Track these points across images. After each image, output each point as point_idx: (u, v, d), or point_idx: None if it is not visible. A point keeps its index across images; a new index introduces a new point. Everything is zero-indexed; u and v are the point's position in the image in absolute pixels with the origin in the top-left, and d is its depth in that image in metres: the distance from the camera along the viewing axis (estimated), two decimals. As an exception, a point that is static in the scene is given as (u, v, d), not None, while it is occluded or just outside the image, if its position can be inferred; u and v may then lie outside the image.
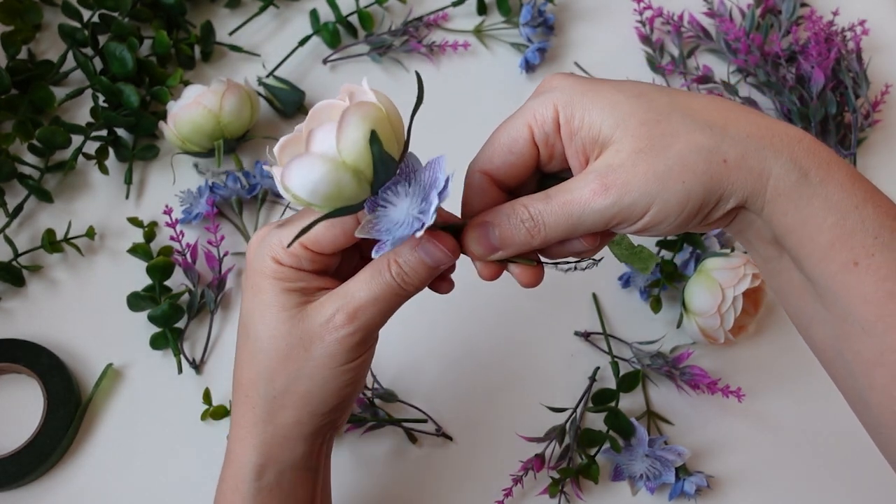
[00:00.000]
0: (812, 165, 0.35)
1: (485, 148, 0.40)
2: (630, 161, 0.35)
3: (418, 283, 0.39)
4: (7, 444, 0.58)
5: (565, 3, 0.75)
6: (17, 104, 0.67)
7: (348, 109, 0.34)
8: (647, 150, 0.35)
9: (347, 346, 0.39)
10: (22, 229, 0.66)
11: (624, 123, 0.35)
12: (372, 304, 0.39)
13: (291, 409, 0.41)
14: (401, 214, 0.36)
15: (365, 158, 0.34)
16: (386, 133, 0.35)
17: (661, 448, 0.57)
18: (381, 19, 0.74)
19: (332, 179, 0.34)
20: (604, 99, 0.36)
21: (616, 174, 0.35)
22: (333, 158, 0.34)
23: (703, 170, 0.35)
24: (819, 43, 0.68)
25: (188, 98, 0.63)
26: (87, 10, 0.70)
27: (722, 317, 0.57)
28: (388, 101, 0.36)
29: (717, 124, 0.35)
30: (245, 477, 0.42)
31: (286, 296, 0.40)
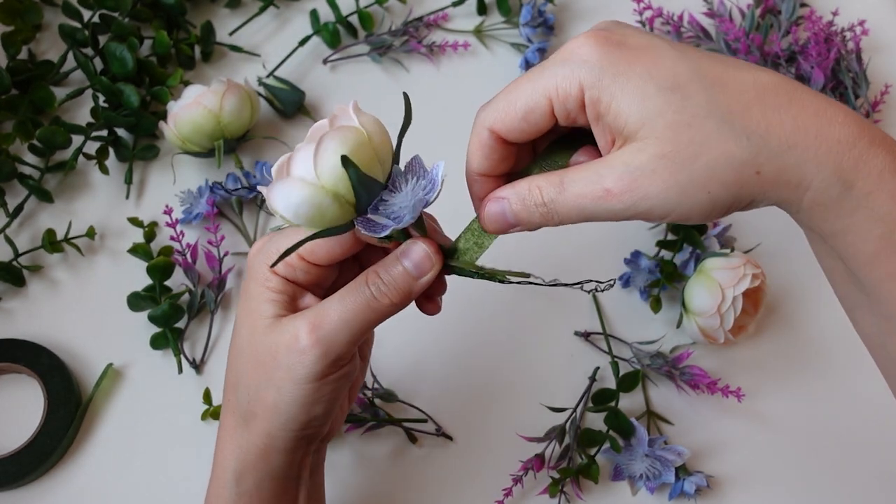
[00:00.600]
0: (860, 177, 0.32)
1: (497, 106, 0.37)
2: (651, 166, 0.33)
3: (396, 297, 0.38)
4: (7, 444, 0.58)
5: (565, 4, 0.75)
6: (18, 104, 0.67)
7: (326, 135, 0.34)
8: (671, 156, 0.32)
9: (308, 361, 0.38)
10: (22, 229, 0.66)
11: (651, 122, 0.33)
12: (338, 318, 0.38)
13: (262, 421, 0.40)
14: (405, 199, 0.36)
15: (344, 183, 0.34)
16: (366, 156, 0.35)
17: (660, 448, 0.57)
18: (382, 19, 0.74)
19: (313, 203, 0.34)
20: (634, 88, 0.33)
21: (633, 178, 0.33)
22: (312, 183, 0.34)
23: (732, 181, 0.33)
24: (819, 43, 0.68)
25: (188, 98, 0.63)
26: (88, 11, 0.70)
27: (722, 317, 0.57)
28: (373, 122, 0.36)
29: (757, 132, 0.32)
30: (226, 482, 0.42)
31: (269, 305, 0.39)
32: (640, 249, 0.64)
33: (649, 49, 0.34)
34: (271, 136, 0.69)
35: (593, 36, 0.34)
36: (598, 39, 0.34)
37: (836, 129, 0.32)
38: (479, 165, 0.38)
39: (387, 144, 0.36)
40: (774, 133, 0.32)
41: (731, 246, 0.63)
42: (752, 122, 0.32)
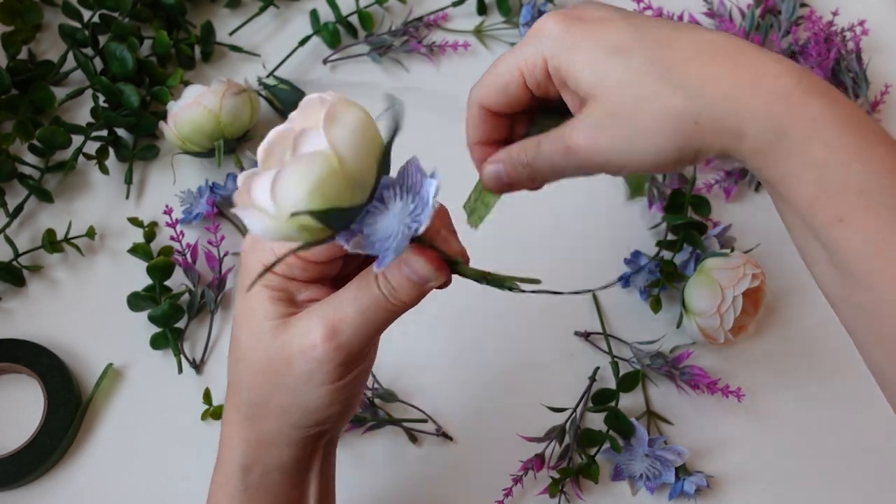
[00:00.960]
0: (794, 123, 0.34)
1: (483, 82, 0.41)
2: (602, 122, 0.37)
3: (407, 299, 0.37)
4: (7, 444, 0.58)
5: (565, 4, 0.75)
6: (18, 104, 0.67)
7: (284, 169, 0.30)
8: (617, 112, 0.36)
9: (328, 368, 0.37)
10: (22, 229, 0.66)
11: (600, 84, 0.36)
12: (356, 321, 0.36)
13: (273, 420, 0.39)
14: (392, 225, 0.33)
15: (308, 219, 0.31)
16: (335, 188, 0.31)
17: (660, 448, 0.57)
18: (382, 19, 0.74)
19: (279, 233, 0.31)
20: (586, 55, 0.37)
21: (589, 133, 0.37)
22: (276, 215, 0.31)
23: (672, 131, 0.35)
24: (819, 43, 0.68)
25: (188, 98, 0.63)
26: (88, 11, 0.70)
27: (722, 317, 0.57)
28: (351, 134, 0.31)
29: (694, 84, 0.35)
30: (232, 475, 0.41)
31: (272, 305, 0.38)
32: (640, 249, 0.64)
33: (602, 20, 0.38)
34: (271, 136, 0.69)
35: (556, 14, 0.39)
36: (559, 16, 0.38)
37: (771, 80, 0.34)
38: (475, 136, 0.42)
39: (366, 156, 0.32)
40: (710, 85, 0.35)
41: (731, 246, 0.63)
42: (689, 76, 0.35)
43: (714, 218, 0.65)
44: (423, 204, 0.32)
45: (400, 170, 0.34)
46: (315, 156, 0.30)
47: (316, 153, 0.30)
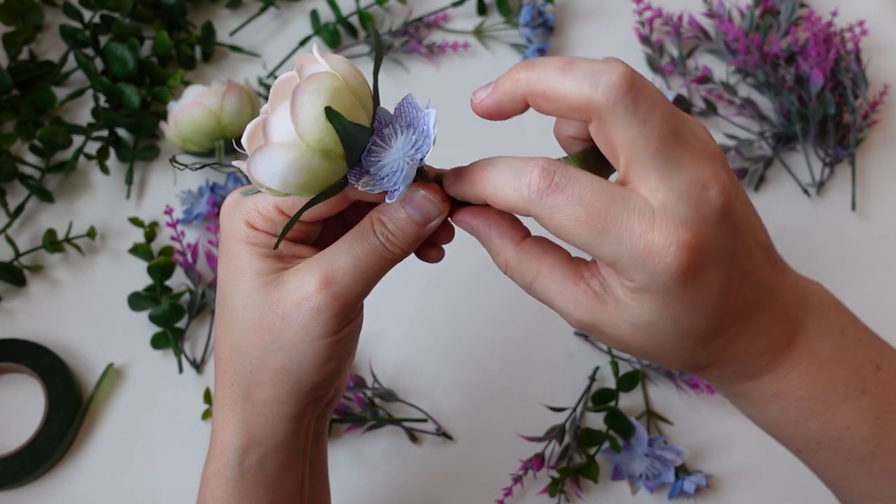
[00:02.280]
0: (756, 393, 0.37)
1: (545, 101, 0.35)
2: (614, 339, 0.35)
3: (405, 244, 0.36)
4: (8, 443, 0.59)
5: (565, 4, 0.75)
6: (19, 104, 0.67)
7: (299, 86, 0.30)
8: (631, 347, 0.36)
9: (325, 317, 0.36)
10: (23, 229, 0.66)
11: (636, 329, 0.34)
12: (352, 270, 0.36)
13: (269, 387, 0.38)
14: (397, 155, 0.33)
15: (330, 136, 0.31)
16: (347, 101, 0.31)
17: (660, 447, 0.57)
18: (382, 20, 0.74)
19: (301, 166, 0.31)
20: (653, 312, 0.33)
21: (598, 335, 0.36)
22: (296, 144, 0.31)
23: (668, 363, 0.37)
24: (818, 43, 0.68)
25: (189, 98, 0.63)
26: (88, 11, 0.70)
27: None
28: (344, 63, 0.33)
29: (696, 361, 0.36)
30: (228, 460, 0.40)
31: (261, 262, 0.37)
32: (639, 249, 0.64)
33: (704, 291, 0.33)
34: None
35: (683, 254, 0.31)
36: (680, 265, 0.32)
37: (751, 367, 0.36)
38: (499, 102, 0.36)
39: (364, 86, 0.33)
40: (703, 363, 0.36)
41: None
42: (699, 358, 0.36)
43: (714, 218, 0.65)
44: (424, 135, 0.33)
45: (396, 107, 0.34)
46: (322, 74, 0.31)
47: (321, 72, 0.31)
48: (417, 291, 0.63)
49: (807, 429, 0.36)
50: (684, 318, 0.33)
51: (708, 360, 0.36)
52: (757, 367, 0.36)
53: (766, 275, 0.35)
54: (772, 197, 0.67)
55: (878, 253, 0.66)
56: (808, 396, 0.36)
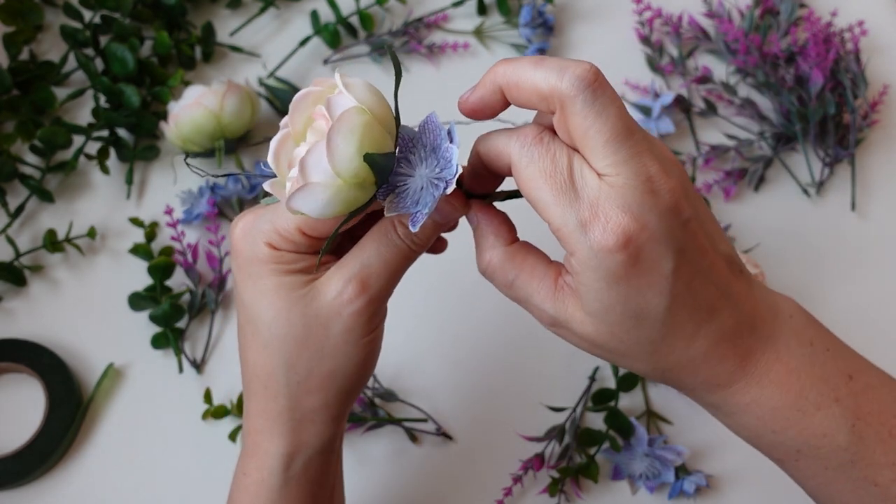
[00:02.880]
0: (730, 404, 0.38)
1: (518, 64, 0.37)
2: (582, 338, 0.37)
3: (426, 241, 0.39)
4: (8, 443, 0.59)
5: (565, 4, 0.75)
6: (19, 104, 0.67)
7: (333, 128, 0.33)
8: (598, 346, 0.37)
9: (364, 318, 0.38)
10: (23, 229, 0.66)
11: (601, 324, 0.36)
12: (383, 271, 0.38)
13: (318, 393, 0.40)
14: (420, 181, 0.35)
15: (363, 170, 0.34)
16: (376, 135, 0.34)
17: (660, 447, 0.57)
18: (382, 20, 0.74)
19: (339, 200, 0.34)
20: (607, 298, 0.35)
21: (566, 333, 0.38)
22: (333, 182, 0.33)
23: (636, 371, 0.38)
24: (818, 44, 0.68)
25: (189, 98, 0.63)
26: (89, 11, 0.70)
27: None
28: (366, 92, 0.35)
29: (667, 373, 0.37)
30: (273, 469, 0.41)
31: (289, 278, 0.39)
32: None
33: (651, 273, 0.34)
34: (271, 137, 0.69)
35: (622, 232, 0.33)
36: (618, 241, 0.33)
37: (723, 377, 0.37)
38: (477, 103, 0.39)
39: (386, 107, 0.35)
40: (674, 372, 0.37)
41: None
42: (665, 365, 0.37)
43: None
44: (447, 164, 0.35)
45: (420, 126, 0.36)
46: (351, 111, 0.33)
47: (350, 109, 0.33)
48: (418, 292, 0.63)
49: (785, 437, 0.37)
50: (632, 301, 0.34)
51: (673, 363, 0.37)
52: (725, 374, 0.37)
53: (726, 280, 0.36)
54: (772, 197, 0.67)
55: (878, 253, 0.66)
56: (781, 405, 0.37)
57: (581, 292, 0.35)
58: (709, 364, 0.37)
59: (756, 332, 0.37)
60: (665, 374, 0.37)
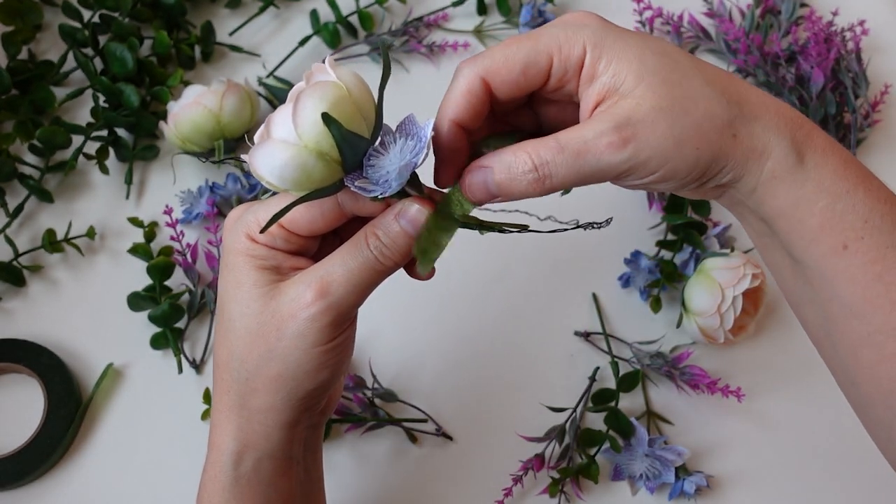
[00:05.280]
0: (809, 150, 0.36)
1: (494, 57, 0.37)
2: (650, 118, 0.35)
3: (398, 257, 0.38)
4: (8, 443, 0.59)
5: (565, 4, 0.75)
6: (18, 104, 0.67)
7: (303, 92, 0.33)
8: (667, 109, 0.35)
9: (319, 326, 0.37)
10: (22, 229, 0.66)
11: (649, 78, 0.35)
12: (345, 280, 0.37)
13: (264, 394, 0.39)
14: (394, 163, 0.35)
15: (327, 140, 0.33)
16: (347, 111, 0.34)
17: (660, 448, 0.57)
18: (381, 19, 0.74)
19: (297, 164, 0.33)
20: (632, 49, 0.36)
21: (636, 129, 0.35)
22: (294, 143, 0.33)
23: (714, 139, 0.35)
24: (818, 43, 0.68)
25: (188, 98, 0.63)
26: (88, 11, 0.70)
27: (722, 317, 0.57)
28: (352, 76, 0.35)
29: (734, 100, 0.36)
30: (223, 465, 0.41)
31: (259, 273, 0.38)
32: (640, 249, 0.64)
33: (634, 32, 0.38)
34: (271, 136, 0.69)
35: (587, 12, 0.38)
36: (594, 14, 0.38)
37: (787, 111, 0.37)
38: (459, 114, 0.37)
39: (368, 99, 0.35)
40: (746, 103, 0.36)
41: (731, 246, 0.63)
42: (730, 90, 0.36)
43: (714, 218, 0.65)
44: (420, 142, 0.35)
45: (398, 124, 0.36)
46: (327, 83, 0.33)
47: (327, 81, 0.34)
48: (418, 292, 0.62)
49: (856, 200, 0.35)
50: (650, 41, 0.36)
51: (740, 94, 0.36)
52: (791, 112, 0.36)
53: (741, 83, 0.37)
54: (772, 197, 0.67)
55: (879, 253, 0.66)
56: (848, 157, 0.36)
57: (611, 75, 0.35)
58: (766, 97, 0.36)
59: (803, 123, 0.37)
60: (742, 109, 0.36)
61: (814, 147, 0.36)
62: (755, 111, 0.36)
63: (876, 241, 0.35)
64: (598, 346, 0.62)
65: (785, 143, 0.36)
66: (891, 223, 0.35)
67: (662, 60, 0.36)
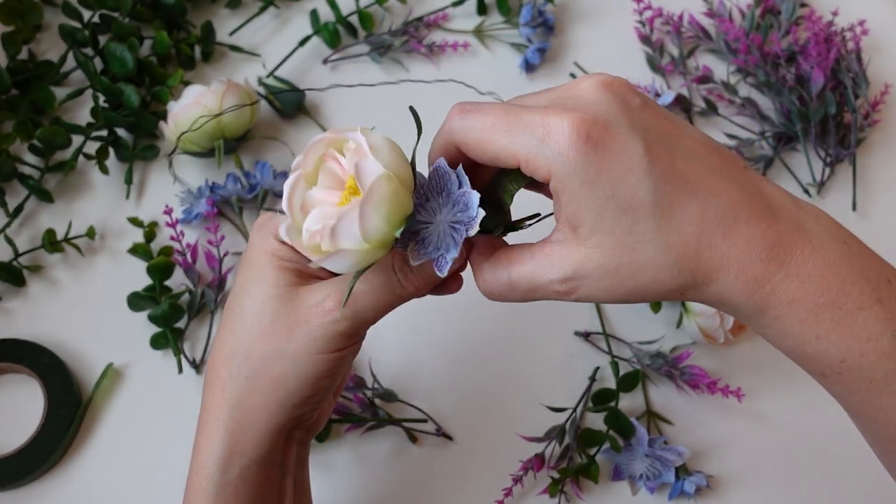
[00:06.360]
0: (771, 305, 0.35)
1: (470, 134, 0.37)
2: (596, 275, 0.36)
3: (421, 284, 0.39)
4: (8, 443, 0.59)
5: (565, 4, 0.75)
6: (18, 104, 0.67)
7: (365, 200, 0.34)
8: (613, 273, 0.36)
9: (332, 334, 0.38)
10: (22, 229, 0.66)
11: (600, 236, 0.35)
12: (367, 296, 0.38)
13: (261, 394, 0.39)
14: (440, 226, 0.37)
15: (389, 234, 0.35)
16: (401, 199, 0.35)
17: (660, 448, 0.57)
18: (382, 19, 0.74)
19: (364, 260, 0.35)
20: (595, 202, 0.35)
21: (581, 282, 0.36)
22: (361, 248, 0.35)
23: (661, 295, 0.36)
24: (819, 43, 0.68)
25: (188, 98, 0.63)
26: (88, 11, 0.70)
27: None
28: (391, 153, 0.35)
29: (689, 266, 0.35)
30: (209, 472, 0.40)
31: (280, 273, 0.39)
32: (640, 249, 0.64)
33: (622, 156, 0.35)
34: (271, 136, 0.69)
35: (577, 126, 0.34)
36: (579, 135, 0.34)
37: (757, 266, 0.35)
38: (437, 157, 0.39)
39: (406, 166, 0.36)
40: (702, 269, 0.35)
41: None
42: (685, 258, 0.35)
43: (714, 218, 0.65)
44: (465, 207, 0.36)
45: (430, 174, 0.38)
46: (381, 181, 0.34)
47: (380, 178, 0.34)
48: (417, 291, 0.63)
49: (829, 343, 0.35)
50: (619, 192, 0.34)
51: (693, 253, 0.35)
52: (759, 264, 0.35)
53: (718, 163, 0.36)
54: (772, 197, 0.67)
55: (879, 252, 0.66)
56: (823, 302, 0.35)
57: (571, 214, 0.35)
58: (736, 249, 0.35)
59: (780, 220, 0.35)
60: (696, 276, 0.35)
61: (777, 301, 0.35)
62: (712, 275, 0.35)
63: (855, 376, 0.36)
64: (598, 346, 0.62)
65: (740, 301, 0.35)
66: (873, 359, 0.35)
67: (621, 221, 0.35)
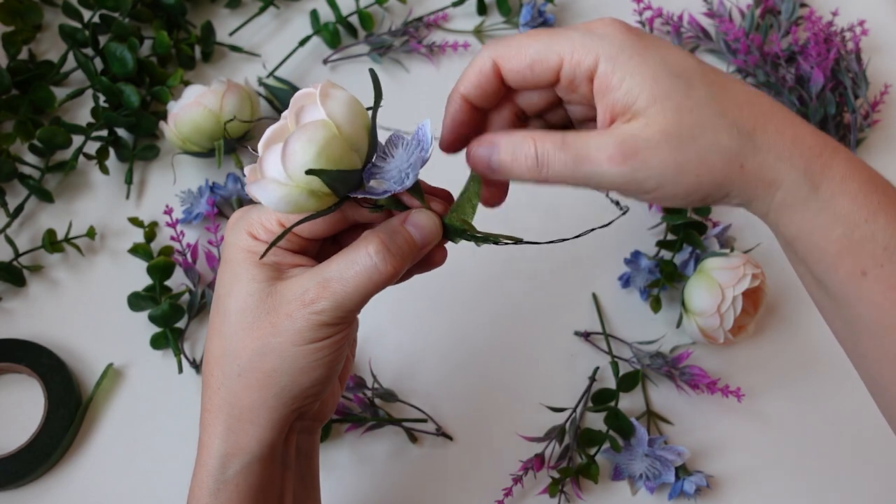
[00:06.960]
0: (825, 179, 0.36)
1: (510, 43, 0.38)
2: (655, 140, 0.35)
3: (402, 265, 0.38)
4: (8, 443, 0.59)
5: (565, 3, 0.75)
6: (18, 104, 0.67)
7: (291, 136, 0.34)
8: (674, 135, 0.35)
9: (316, 323, 0.37)
10: (23, 229, 0.66)
11: (660, 102, 0.35)
12: (349, 281, 0.37)
13: (257, 390, 0.39)
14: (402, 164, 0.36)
15: (316, 181, 0.34)
16: (337, 150, 0.34)
17: (660, 448, 0.57)
18: (382, 19, 0.74)
19: (290, 201, 0.35)
20: (649, 69, 0.36)
21: (638, 148, 0.35)
22: (286, 183, 0.34)
23: (718, 169, 0.36)
24: (818, 43, 0.68)
25: (189, 98, 0.63)
26: (88, 11, 0.70)
27: (722, 317, 0.57)
28: (342, 106, 0.35)
29: (746, 128, 0.36)
30: (211, 469, 0.40)
31: (258, 269, 0.38)
32: (640, 249, 0.64)
33: (662, 43, 0.37)
34: (271, 137, 0.69)
35: (617, 21, 0.37)
36: (619, 23, 0.37)
37: (808, 138, 0.36)
38: (467, 88, 0.39)
39: (360, 126, 0.36)
40: (759, 133, 0.36)
41: (730, 246, 0.63)
42: (742, 120, 0.36)
43: (714, 218, 0.65)
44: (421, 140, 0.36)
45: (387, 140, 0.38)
46: (316, 123, 0.34)
47: (317, 121, 0.34)
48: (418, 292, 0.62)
49: (876, 227, 0.35)
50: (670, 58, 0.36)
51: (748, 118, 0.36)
52: (811, 137, 0.36)
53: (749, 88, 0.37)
54: (772, 197, 0.67)
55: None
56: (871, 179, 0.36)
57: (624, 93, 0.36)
58: (788, 120, 0.36)
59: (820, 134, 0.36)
60: (754, 140, 0.35)
61: (831, 176, 0.36)
62: (769, 141, 0.36)
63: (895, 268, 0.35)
64: (598, 346, 0.62)
65: (797, 173, 0.36)
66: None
67: (677, 84, 0.36)
